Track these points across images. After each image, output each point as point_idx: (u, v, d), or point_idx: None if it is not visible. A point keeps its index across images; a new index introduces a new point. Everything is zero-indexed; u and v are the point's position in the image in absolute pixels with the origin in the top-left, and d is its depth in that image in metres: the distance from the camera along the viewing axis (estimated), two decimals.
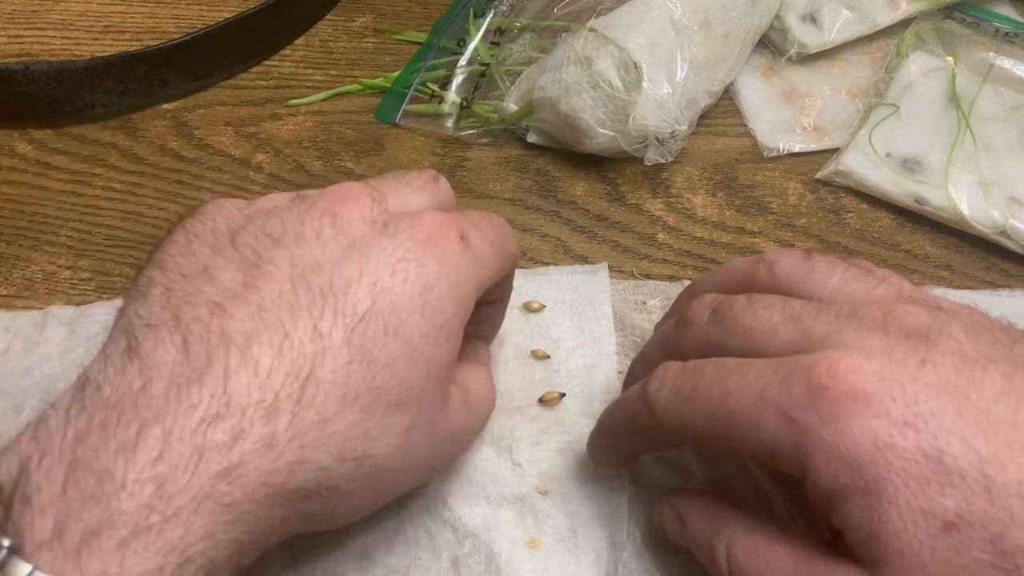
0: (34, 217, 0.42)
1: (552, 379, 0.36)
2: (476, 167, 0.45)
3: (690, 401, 0.26)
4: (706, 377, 0.26)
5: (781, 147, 0.46)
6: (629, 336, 0.37)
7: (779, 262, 0.29)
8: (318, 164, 0.45)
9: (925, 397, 0.23)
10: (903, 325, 0.24)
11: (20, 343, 0.36)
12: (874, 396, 0.23)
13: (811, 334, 0.25)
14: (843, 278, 0.27)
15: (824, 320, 0.25)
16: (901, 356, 0.24)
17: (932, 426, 0.22)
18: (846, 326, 0.25)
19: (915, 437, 0.22)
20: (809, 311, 0.26)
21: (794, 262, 0.28)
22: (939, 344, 0.24)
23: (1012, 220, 0.41)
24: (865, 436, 0.22)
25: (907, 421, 0.22)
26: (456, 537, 0.31)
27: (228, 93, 0.48)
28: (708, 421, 0.25)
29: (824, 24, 0.49)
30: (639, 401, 0.27)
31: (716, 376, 0.25)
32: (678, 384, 0.26)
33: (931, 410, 0.22)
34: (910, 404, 0.23)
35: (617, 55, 0.41)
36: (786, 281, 0.28)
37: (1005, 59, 0.48)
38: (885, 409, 0.23)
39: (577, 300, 0.38)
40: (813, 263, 0.28)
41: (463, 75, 0.48)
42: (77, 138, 0.45)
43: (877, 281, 0.27)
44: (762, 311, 0.27)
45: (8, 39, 0.50)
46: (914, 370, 0.23)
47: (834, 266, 0.28)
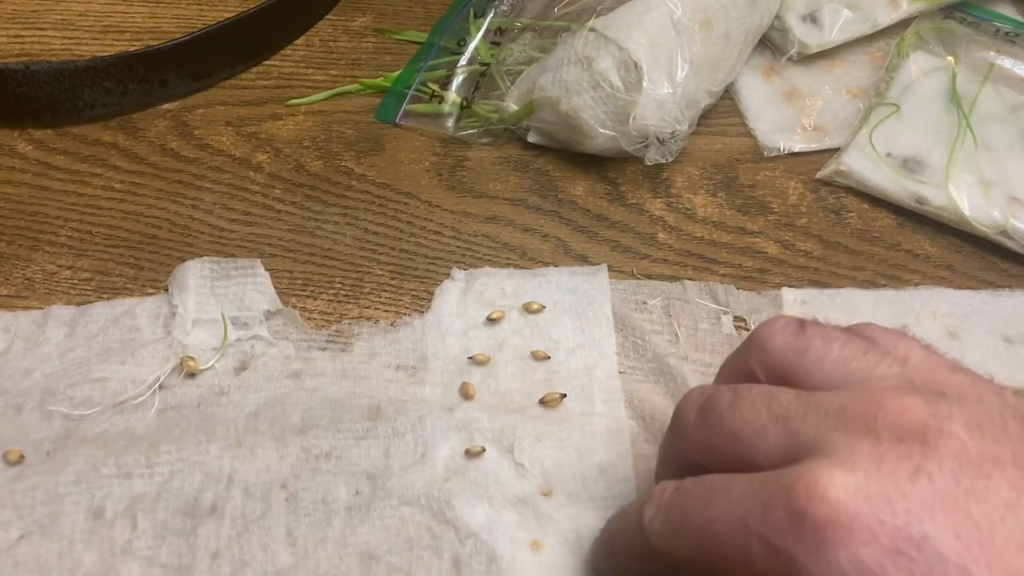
0: (34, 217, 0.42)
1: (552, 380, 0.36)
2: (476, 167, 0.45)
3: (680, 528, 0.24)
4: (694, 503, 0.24)
5: (781, 147, 0.46)
6: (629, 336, 0.37)
7: (771, 339, 0.27)
8: (318, 164, 0.45)
9: (918, 517, 0.20)
10: (896, 425, 0.22)
11: (20, 343, 0.36)
12: (858, 519, 0.21)
13: (799, 437, 0.23)
14: (840, 356, 0.25)
15: (812, 420, 0.23)
16: (892, 465, 0.21)
17: (927, 553, 0.20)
18: (835, 428, 0.23)
19: (908, 567, 0.20)
20: (797, 409, 0.24)
21: (787, 338, 0.26)
22: (938, 446, 0.22)
23: (1012, 220, 0.41)
24: (853, 567, 0.20)
25: (898, 548, 0.20)
26: (458, 537, 0.31)
27: (228, 93, 0.48)
28: (699, 550, 0.24)
29: (824, 24, 0.49)
30: (636, 528, 0.26)
31: (701, 500, 0.24)
32: (669, 511, 0.25)
33: (925, 534, 0.20)
34: (901, 527, 0.20)
35: (617, 55, 0.41)
36: (780, 362, 0.26)
37: (1005, 59, 0.48)
38: (873, 534, 0.20)
39: (577, 301, 0.38)
40: (807, 339, 0.26)
41: (463, 75, 0.48)
42: (77, 138, 0.45)
43: (879, 357, 0.25)
44: (747, 409, 0.25)
45: (8, 39, 0.50)
46: (905, 483, 0.21)
47: (830, 342, 0.26)
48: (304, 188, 0.44)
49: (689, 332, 0.38)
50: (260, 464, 0.33)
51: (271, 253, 0.41)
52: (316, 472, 0.33)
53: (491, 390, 0.36)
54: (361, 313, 0.39)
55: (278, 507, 0.32)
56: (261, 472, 0.33)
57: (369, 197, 0.43)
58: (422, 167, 0.45)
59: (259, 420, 0.34)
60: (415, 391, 0.35)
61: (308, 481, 0.32)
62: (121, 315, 0.37)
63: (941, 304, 0.39)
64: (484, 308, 0.38)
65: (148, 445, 0.33)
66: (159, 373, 0.35)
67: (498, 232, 0.42)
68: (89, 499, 0.32)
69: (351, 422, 0.34)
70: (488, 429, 0.34)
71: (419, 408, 0.34)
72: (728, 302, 0.39)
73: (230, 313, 0.37)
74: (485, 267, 0.40)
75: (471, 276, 0.39)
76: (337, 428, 0.34)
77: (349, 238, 0.42)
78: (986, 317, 0.39)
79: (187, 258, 0.40)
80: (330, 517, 0.31)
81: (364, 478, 0.33)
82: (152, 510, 0.32)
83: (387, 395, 0.35)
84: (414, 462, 0.33)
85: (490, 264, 0.40)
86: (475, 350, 0.37)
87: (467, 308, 0.38)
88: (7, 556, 0.30)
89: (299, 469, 0.33)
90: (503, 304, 0.38)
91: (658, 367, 0.36)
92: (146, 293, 0.39)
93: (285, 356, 0.36)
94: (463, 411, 0.34)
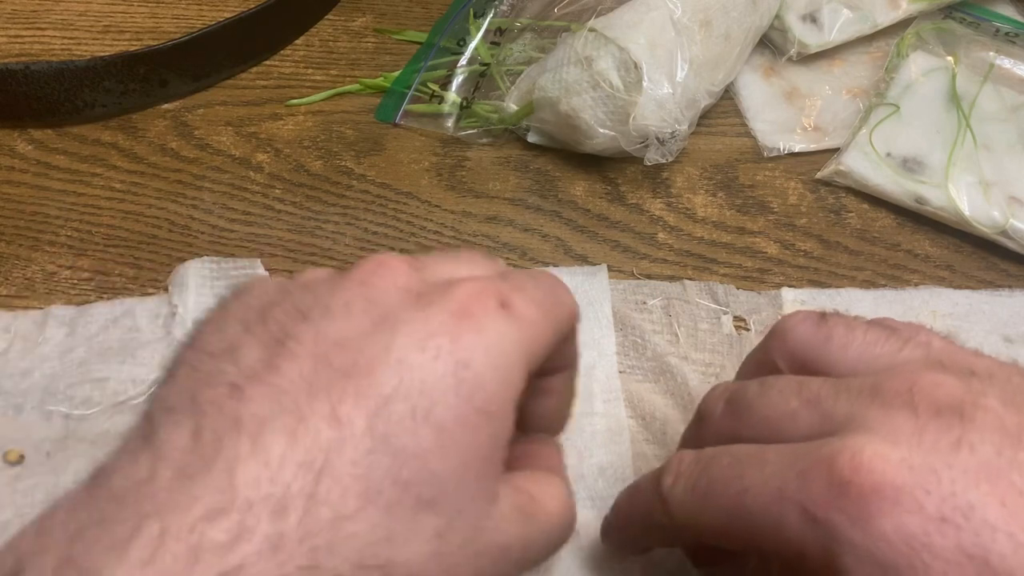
0: (34, 217, 0.42)
1: None
2: (476, 167, 0.45)
3: (705, 498, 0.24)
4: (721, 471, 0.24)
5: (781, 147, 0.46)
6: (629, 336, 0.37)
7: (792, 331, 0.27)
8: (318, 164, 0.45)
9: (963, 486, 0.20)
10: (933, 399, 0.22)
11: (20, 343, 0.36)
12: (904, 489, 0.20)
13: (832, 417, 0.23)
14: (864, 343, 0.25)
15: (845, 400, 0.23)
16: (933, 438, 0.21)
17: (974, 521, 0.20)
18: (869, 405, 0.23)
19: (955, 535, 0.20)
20: (827, 391, 0.24)
21: (808, 329, 0.26)
22: (975, 419, 0.22)
23: (1012, 220, 0.41)
24: (899, 536, 0.20)
25: (945, 517, 0.20)
26: None
27: (228, 93, 0.48)
28: (727, 520, 0.23)
29: (824, 24, 0.49)
30: (653, 496, 0.26)
31: (731, 469, 0.23)
32: (692, 479, 0.24)
33: (971, 502, 0.20)
34: (947, 497, 0.20)
35: (617, 55, 0.41)
36: (802, 351, 0.26)
37: (1005, 59, 0.48)
38: (918, 504, 0.20)
39: (577, 301, 0.38)
40: (829, 328, 0.26)
41: (463, 75, 0.48)
42: (77, 138, 0.45)
43: (902, 343, 0.25)
44: (777, 397, 0.25)
45: (8, 39, 0.50)
46: (948, 455, 0.21)
47: (852, 329, 0.26)
48: (304, 188, 0.44)
49: (689, 332, 0.38)
50: None
51: (271, 253, 0.41)
52: None
53: None
54: None
55: None
56: None
57: (369, 197, 0.43)
58: (422, 167, 0.45)
59: None
60: None
61: None
62: (121, 315, 0.37)
63: (941, 304, 0.39)
64: None
65: None
66: (159, 374, 0.35)
67: (498, 232, 0.42)
68: None
69: None
70: None
71: None
72: (728, 302, 0.39)
73: None
74: None
75: None
76: None
77: (349, 238, 0.42)
78: (986, 317, 0.39)
79: (187, 258, 0.40)
80: None
81: None
82: None
83: None
84: None
85: None
86: None
87: None
88: None
89: None
90: None
91: (658, 367, 0.36)
92: (146, 293, 0.39)
93: None
94: None
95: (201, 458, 0.20)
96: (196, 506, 0.19)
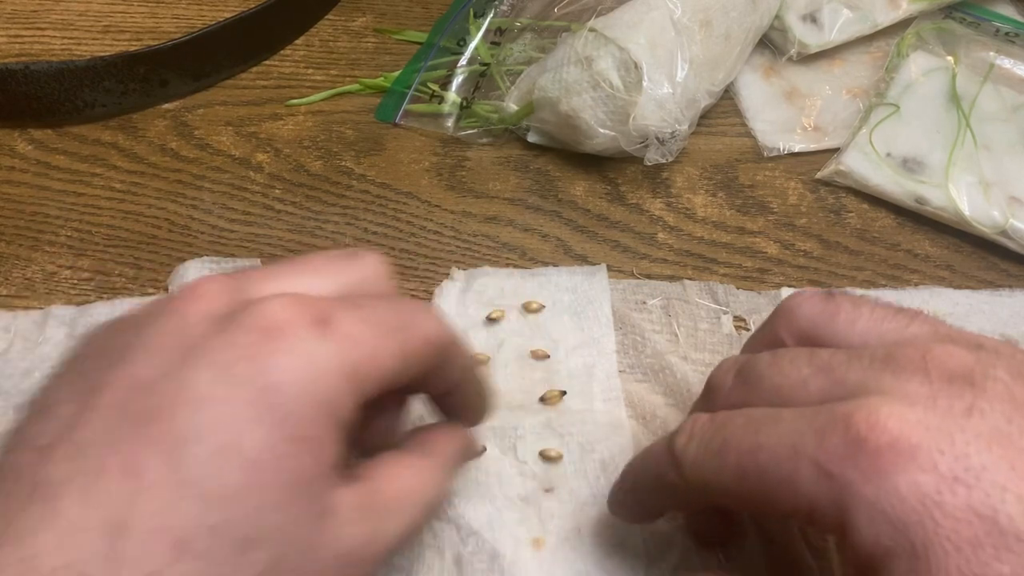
0: (34, 217, 0.42)
1: (552, 379, 0.36)
2: (476, 167, 0.45)
3: (719, 456, 0.24)
4: (736, 430, 0.24)
5: (781, 147, 0.46)
6: (629, 335, 0.37)
7: (799, 307, 0.27)
8: (318, 164, 0.45)
9: (976, 449, 0.21)
10: (945, 367, 0.22)
11: (20, 343, 0.36)
12: (920, 448, 0.21)
13: (845, 383, 0.23)
14: (871, 318, 0.26)
15: (857, 367, 0.23)
16: (946, 403, 0.22)
17: (985, 482, 0.20)
18: (882, 371, 0.23)
19: (966, 495, 0.20)
20: (839, 359, 0.24)
21: (815, 305, 0.27)
22: (986, 388, 0.22)
23: (1012, 220, 0.41)
24: (911, 493, 0.20)
25: (957, 476, 0.20)
26: (460, 536, 0.31)
27: (228, 93, 0.48)
28: (739, 477, 0.23)
29: (824, 24, 0.49)
30: (665, 457, 0.26)
31: (746, 428, 0.24)
32: (706, 438, 0.24)
33: (983, 464, 0.20)
34: (959, 457, 0.21)
35: (617, 55, 0.41)
36: (810, 327, 0.26)
37: (1005, 59, 0.48)
38: (933, 463, 0.21)
39: (576, 300, 0.38)
40: (836, 305, 0.26)
41: (463, 75, 0.48)
42: (77, 138, 0.45)
43: (908, 319, 0.25)
44: (788, 366, 0.25)
45: (8, 39, 0.50)
46: (961, 419, 0.21)
47: (859, 305, 0.26)
48: (304, 188, 0.44)
49: (689, 332, 0.38)
50: None
51: (271, 253, 0.41)
52: None
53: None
54: None
55: None
56: None
57: (369, 197, 0.43)
58: (422, 167, 0.45)
59: None
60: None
61: None
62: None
63: (941, 304, 0.39)
64: (484, 308, 0.38)
65: None
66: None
67: (498, 232, 0.42)
68: None
69: None
70: (489, 428, 0.34)
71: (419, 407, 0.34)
72: (728, 302, 0.39)
73: None
74: (484, 267, 0.40)
75: (470, 276, 0.39)
76: None
77: (349, 238, 0.42)
78: (986, 317, 0.39)
79: (187, 258, 0.40)
80: None
81: None
82: None
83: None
84: None
85: (490, 264, 0.40)
86: (475, 349, 0.37)
87: (467, 308, 0.38)
88: None
89: None
90: (502, 304, 0.38)
91: (658, 366, 0.36)
92: (146, 293, 0.39)
93: None
94: None
95: (5, 525, 0.19)
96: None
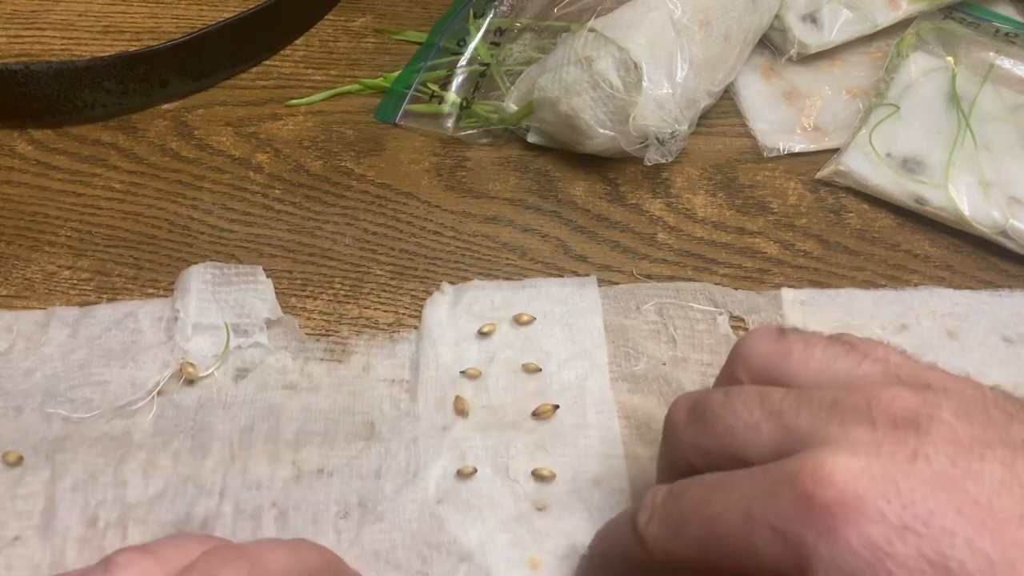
0: (34, 217, 0.42)
1: (545, 392, 0.36)
2: (476, 167, 0.45)
3: (679, 530, 0.24)
4: (690, 501, 0.24)
5: (781, 147, 0.46)
6: (621, 347, 0.37)
7: (753, 347, 0.27)
8: (318, 164, 0.45)
9: (922, 495, 0.21)
10: (889, 412, 0.23)
11: (22, 343, 0.36)
12: (866, 499, 0.21)
13: (794, 431, 0.24)
14: (823, 357, 0.26)
15: (806, 414, 0.24)
16: (891, 450, 0.22)
17: (934, 528, 0.20)
18: (830, 419, 0.23)
19: (916, 543, 0.20)
20: (789, 404, 0.24)
21: (767, 344, 0.27)
22: (931, 432, 0.22)
23: (1012, 220, 0.41)
24: (863, 546, 0.21)
25: (906, 524, 0.21)
26: (451, 561, 0.31)
27: (228, 93, 0.48)
28: (700, 548, 0.24)
29: (824, 24, 0.49)
30: (630, 535, 0.26)
31: (701, 499, 0.24)
32: (665, 512, 0.25)
33: (930, 510, 0.21)
34: (907, 505, 0.21)
35: (617, 55, 0.41)
36: (764, 367, 0.27)
37: (1005, 59, 0.48)
38: (880, 512, 0.21)
39: (567, 312, 0.38)
40: (789, 344, 0.26)
41: (463, 75, 0.48)
42: (77, 138, 0.45)
43: (861, 357, 0.25)
44: (740, 407, 0.25)
45: (8, 39, 0.50)
46: (906, 465, 0.21)
47: (812, 345, 0.26)
48: (304, 188, 0.44)
49: (686, 334, 0.37)
50: (252, 479, 0.33)
51: (271, 253, 0.41)
52: (308, 490, 0.32)
53: (483, 405, 0.35)
54: (361, 313, 0.39)
55: (268, 526, 0.32)
56: (252, 488, 0.33)
57: (369, 197, 0.43)
58: (422, 167, 0.45)
59: (253, 434, 0.34)
60: (408, 407, 0.35)
61: (299, 499, 0.32)
62: (124, 317, 0.37)
63: (941, 304, 0.39)
64: (475, 321, 0.38)
65: (146, 457, 0.33)
66: (159, 378, 0.35)
67: (498, 232, 0.42)
68: (84, 505, 0.32)
69: (344, 440, 0.34)
70: (481, 447, 0.34)
71: (413, 427, 0.34)
72: (727, 303, 0.39)
73: (231, 320, 0.37)
74: (474, 279, 0.40)
75: (460, 290, 0.39)
76: (330, 445, 0.34)
77: (349, 238, 0.42)
78: (986, 317, 0.39)
79: (187, 258, 0.40)
80: (319, 539, 0.31)
81: (355, 499, 0.32)
82: (144, 521, 0.32)
83: (381, 411, 0.35)
84: (405, 483, 0.33)
85: (489, 264, 0.40)
86: (467, 364, 0.36)
87: (457, 321, 0.38)
88: (1, 556, 0.30)
89: (290, 486, 0.33)
90: (493, 316, 0.38)
91: (652, 373, 0.36)
92: (146, 293, 0.39)
93: (282, 366, 0.36)
94: (457, 429, 0.34)
95: None
96: None
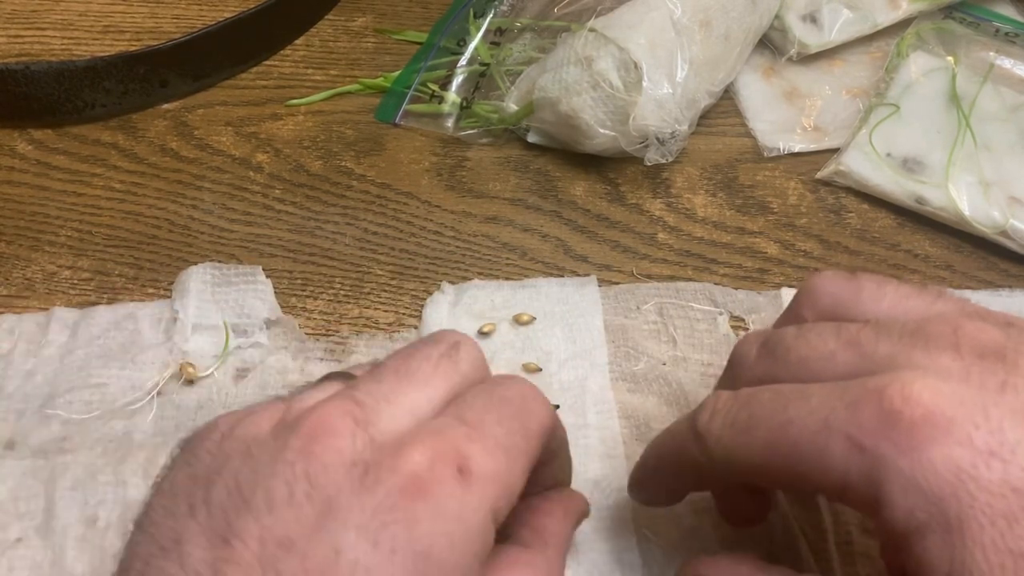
0: (34, 217, 0.42)
1: (545, 392, 0.35)
2: (476, 167, 0.45)
3: (746, 432, 0.24)
4: (763, 405, 0.23)
5: (781, 147, 0.46)
6: (621, 347, 0.37)
7: (823, 286, 0.27)
8: (318, 164, 0.45)
9: (1011, 424, 0.21)
10: (976, 343, 0.22)
11: (24, 344, 0.36)
12: (955, 421, 0.21)
13: (874, 357, 0.23)
14: (896, 295, 0.25)
15: (886, 341, 0.23)
16: (979, 378, 0.22)
17: (1020, 457, 0.20)
18: (912, 345, 0.23)
19: (1002, 469, 0.20)
20: (867, 333, 0.24)
21: (839, 284, 0.26)
22: (1018, 365, 0.22)
23: (1012, 220, 0.41)
24: (947, 466, 0.20)
25: (992, 450, 0.20)
26: None
27: (228, 93, 0.48)
28: (767, 453, 0.23)
29: (824, 24, 0.49)
30: (688, 435, 0.25)
31: (774, 403, 0.23)
32: (732, 414, 0.24)
33: (1018, 439, 0.20)
34: (995, 431, 0.20)
35: (617, 55, 0.41)
36: (833, 305, 0.26)
37: (1005, 59, 0.48)
38: (968, 436, 0.20)
39: (568, 312, 0.38)
40: (860, 282, 0.26)
41: (463, 75, 0.48)
42: (77, 138, 0.45)
43: (934, 297, 0.25)
44: (815, 338, 0.24)
45: (8, 39, 0.50)
46: (995, 394, 0.21)
47: (884, 284, 0.26)
48: (304, 188, 0.44)
49: (686, 333, 0.37)
50: None
51: (271, 253, 0.41)
52: None
53: None
54: (361, 313, 0.39)
55: None
56: None
57: (369, 197, 0.43)
58: (422, 167, 0.45)
59: None
60: None
61: None
62: (123, 318, 0.37)
63: None
64: (475, 321, 0.38)
65: (146, 457, 0.33)
66: (158, 379, 0.35)
67: (498, 232, 0.42)
68: (83, 505, 0.32)
69: None
70: None
71: None
72: (727, 302, 0.39)
73: (230, 320, 0.37)
74: (474, 279, 0.40)
75: (460, 290, 0.39)
76: None
77: (349, 238, 0.42)
78: None
79: (187, 258, 0.40)
80: None
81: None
82: None
83: None
84: None
85: (489, 264, 0.40)
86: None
87: (457, 321, 0.38)
88: (3, 557, 0.30)
89: None
90: (493, 316, 0.38)
91: (652, 373, 0.36)
92: (146, 294, 0.39)
93: (282, 366, 0.36)
94: None
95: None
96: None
